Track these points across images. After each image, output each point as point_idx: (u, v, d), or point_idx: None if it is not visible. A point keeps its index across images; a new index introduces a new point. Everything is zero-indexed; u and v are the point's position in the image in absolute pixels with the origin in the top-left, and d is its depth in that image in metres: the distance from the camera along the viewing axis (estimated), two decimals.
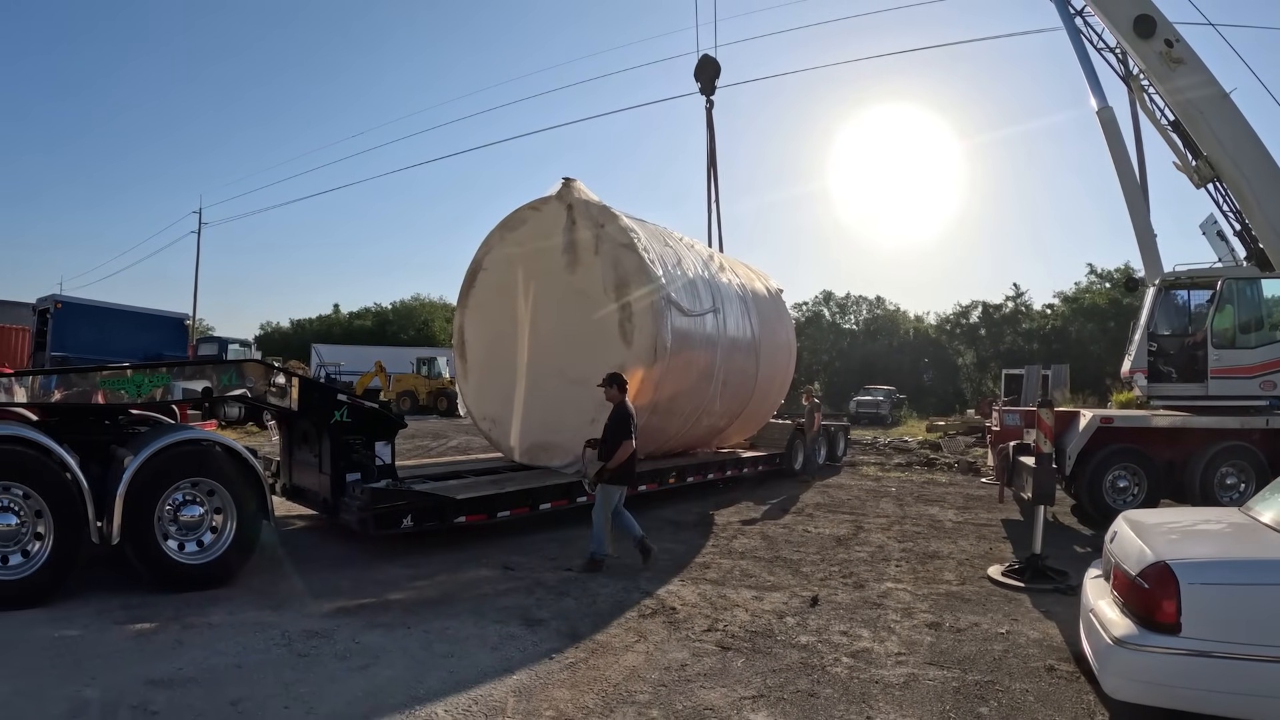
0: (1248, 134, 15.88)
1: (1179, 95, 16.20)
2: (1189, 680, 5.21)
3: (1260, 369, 15.03)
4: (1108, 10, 16.61)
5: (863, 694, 6.34)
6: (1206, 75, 16.01)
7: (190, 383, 9.77)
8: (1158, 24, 16.11)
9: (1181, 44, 16.08)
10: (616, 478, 10.52)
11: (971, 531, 13.92)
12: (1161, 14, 16.43)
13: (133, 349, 23.72)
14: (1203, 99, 16.03)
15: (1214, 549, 6.01)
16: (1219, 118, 15.96)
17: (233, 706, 5.67)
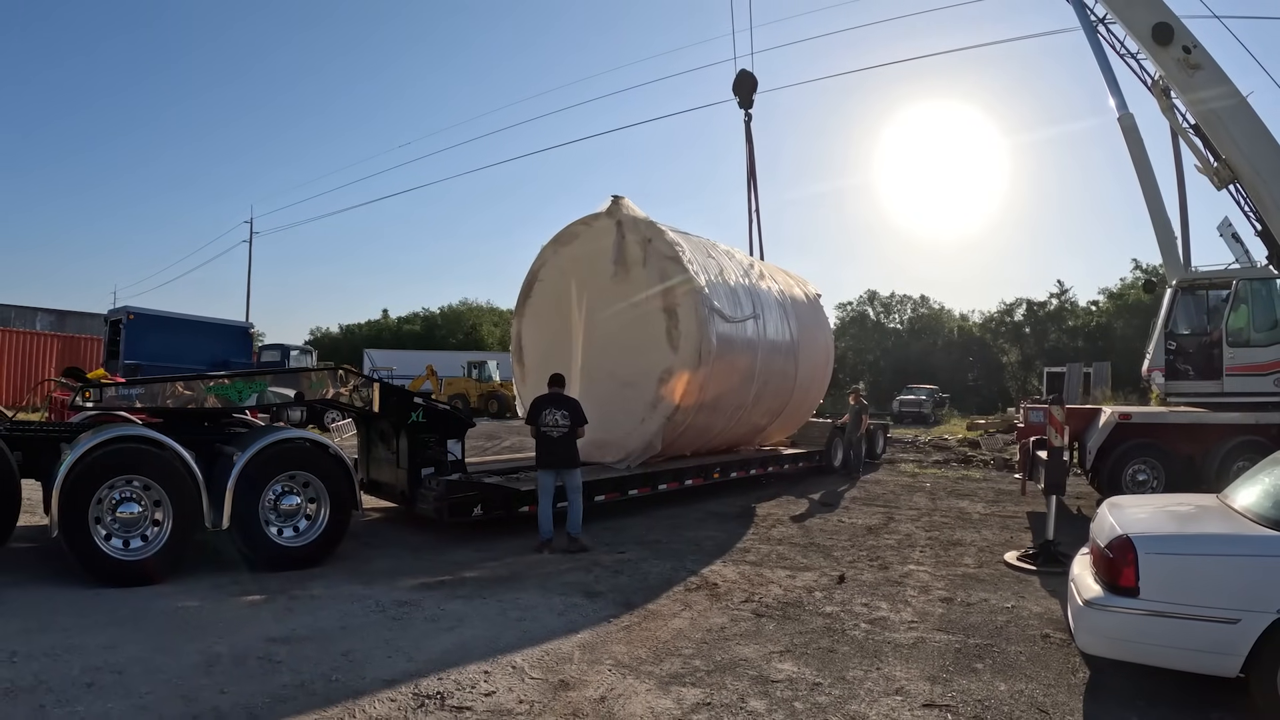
0: (1265, 137, 16.38)
1: (1197, 100, 16.76)
2: (1145, 636, 6.14)
3: (1274, 366, 15.55)
4: (1127, 18, 17.22)
5: (875, 651, 7.39)
6: (1224, 80, 16.53)
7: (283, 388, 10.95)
8: (1175, 31, 16.74)
9: (1199, 50, 16.65)
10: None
11: (996, 522, 14.68)
12: (1179, 21, 17.10)
13: (200, 356, 24.95)
14: (1220, 103, 16.56)
15: (1173, 526, 6.91)
16: (1236, 122, 16.50)
17: (344, 656, 6.82)
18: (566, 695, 6.17)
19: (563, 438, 11.49)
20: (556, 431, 11.47)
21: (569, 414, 11.57)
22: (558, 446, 11.50)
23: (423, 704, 5.90)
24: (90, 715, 5.46)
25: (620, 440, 14.80)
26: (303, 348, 39.37)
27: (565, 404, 11.69)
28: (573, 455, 11.60)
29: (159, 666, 6.44)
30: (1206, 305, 16.68)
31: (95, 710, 5.54)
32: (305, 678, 6.32)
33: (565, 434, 11.48)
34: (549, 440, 11.53)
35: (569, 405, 11.69)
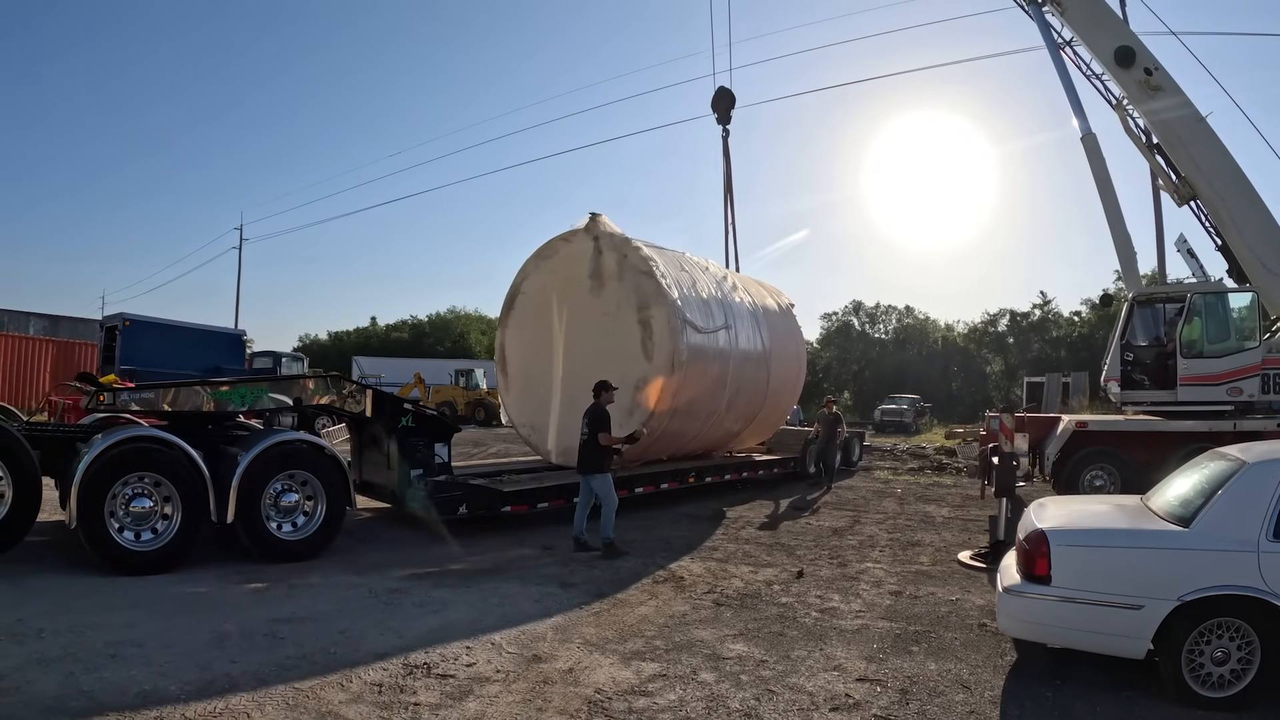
0: (1223, 156, 17.23)
1: (1157, 120, 17.61)
2: (1057, 620, 6.91)
3: (1227, 376, 16.18)
4: (1091, 41, 18.00)
5: (821, 635, 8.18)
6: (1183, 101, 17.37)
7: (282, 394, 11.73)
8: (1137, 54, 17.55)
9: (1160, 72, 17.46)
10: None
11: (958, 525, 15.40)
12: (1141, 44, 17.90)
13: (194, 362, 25.55)
14: (1180, 123, 17.40)
15: (1085, 522, 7.64)
16: (1195, 141, 17.33)
17: (340, 634, 7.64)
18: (539, 667, 6.99)
19: (583, 444, 12.07)
20: (581, 438, 12.13)
21: (589, 422, 12.09)
22: (580, 452, 12.15)
23: (411, 672, 6.72)
24: (116, 680, 6.22)
25: None
26: (294, 354, 39.85)
27: (590, 413, 12.21)
28: (590, 461, 12.03)
29: (174, 641, 7.20)
30: (1163, 318, 17.38)
31: (120, 676, 6.30)
32: (307, 650, 7.13)
33: (585, 440, 12.05)
34: (579, 446, 12.21)
35: (591, 414, 12.18)
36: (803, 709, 6.25)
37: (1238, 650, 6.39)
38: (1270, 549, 6.34)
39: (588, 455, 12.03)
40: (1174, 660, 6.46)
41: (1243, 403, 16.24)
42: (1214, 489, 6.97)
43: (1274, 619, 6.28)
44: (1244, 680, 6.37)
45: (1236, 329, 16.72)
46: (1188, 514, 6.90)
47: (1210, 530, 6.63)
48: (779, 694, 6.53)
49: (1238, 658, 6.39)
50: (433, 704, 6.08)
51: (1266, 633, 6.33)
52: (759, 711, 6.14)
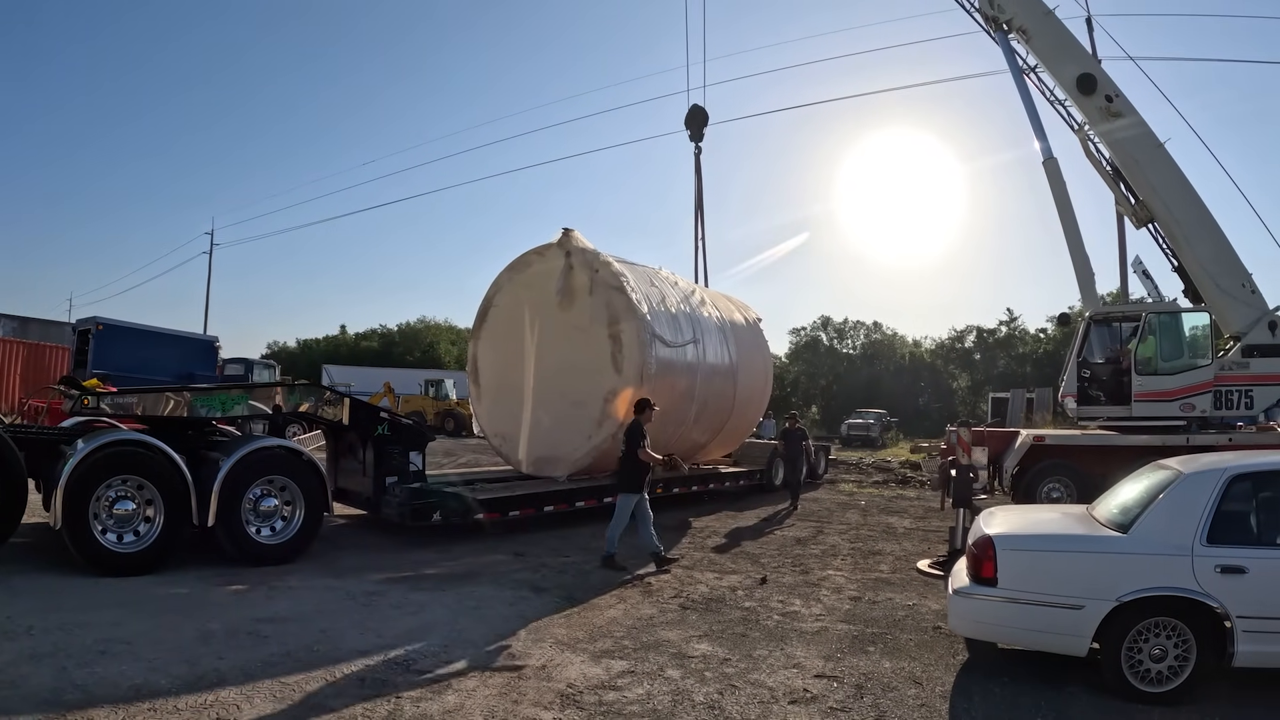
0: (1180, 181, 17.64)
1: (1117, 145, 18.07)
2: (1002, 619, 7.34)
3: (1180, 393, 16.59)
4: (1054, 68, 18.43)
5: (782, 636, 8.57)
6: (1143, 128, 17.82)
7: (260, 401, 12.02)
8: (1099, 81, 18.02)
9: (1120, 99, 17.93)
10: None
11: (919, 536, 15.83)
12: (1103, 72, 18.38)
13: (167, 368, 25.69)
14: (1138, 149, 17.83)
15: (1030, 528, 8.08)
16: (1153, 167, 17.75)
17: (322, 633, 7.96)
18: (514, 664, 7.38)
19: (620, 459, 12.30)
20: (619, 454, 12.35)
21: (626, 440, 12.21)
22: (619, 468, 12.42)
23: (392, 668, 7.07)
24: (108, 674, 6.51)
25: (569, 455, 15.88)
26: (265, 362, 39.96)
27: (626, 431, 12.32)
28: (624, 478, 12.22)
29: (162, 639, 7.49)
30: (1119, 336, 17.83)
31: (112, 671, 6.60)
32: (290, 648, 7.45)
33: (621, 456, 12.24)
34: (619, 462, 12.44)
35: (627, 432, 12.27)
36: (763, 702, 6.62)
37: (1174, 648, 6.83)
38: (1204, 553, 6.79)
39: (621, 471, 12.28)
40: (1114, 657, 6.89)
41: (1196, 418, 16.66)
42: (1152, 498, 7.42)
43: (1208, 619, 6.72)
44: (1181, 676, 6.82)
45: (1190, 347, 17.16)
46: (1127, 521, 7.34)
47: (1147, 536, 7.07)
48: (741, 689, 6.90)
49: (1175, 655, 6.83)
50: (414, 697, 6.41)
51: (1201, 632, 6.77)
52: (722, 704, 6.51)
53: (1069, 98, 18.43)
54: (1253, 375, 16.82)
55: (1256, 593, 6.71)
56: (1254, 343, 16.94)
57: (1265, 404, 17.14)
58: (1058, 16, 18.42)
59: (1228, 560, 6.75)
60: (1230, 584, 6.70)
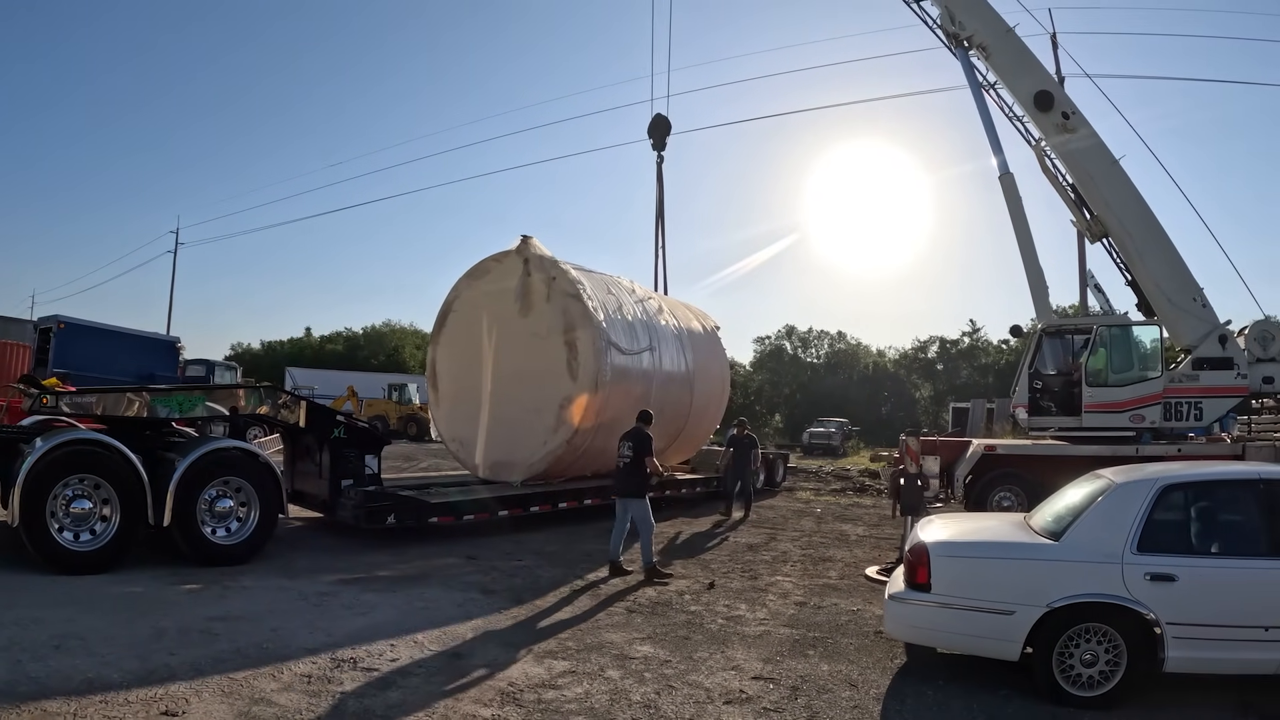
0: (1134, 198, 17.99)
1: (1073, 161, 18.43)
2: (936, 624, 7.59)
3: (1130, 404, 16.97)
4: (1012, 84, 18.74)
5: (724, 639, 8.80)
6: (1098, 145, 18.16)
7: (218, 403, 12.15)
8: (1056, 98, 18.37)
9: (1077, 116, 18.27)
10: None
11: (870, 543, 16.07)
12: (1060, 90, 18.81)
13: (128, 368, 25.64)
14: (1094, 165, 18.16)
15: (964, 536, 8.30)
16: (1108, 183, 18.09)
17: (273, 631, 8.14)
18: (457, 663, 7.58)
19: (625, 468, 12.22)
20: (622, 462, 12.29)
21: (633, 446, 12.19)
22: (620, 476, 12.38)
23: (339, 665, 7.26)
24: (62, 668, 6.68)
25: (524, 461, 16.16)
26: (226, 363, 39.85)
27: (633, 437, 12.31)
28: (632, 485, 12.22)
29: (115, 635, 7.66)
30: (1071, 348, 18.18)
31: (66, 665, 6.76)
32: (240, 645, 7.63)
33: (628, 464, 12.17)
34: (617, 470, 12.52)
35: (635, 438, 12.29)
36: (698, 702, 6.85)
37: (1105, 654, 7.06)
38: (1134, 561, 7.03)
39: (629, 479, 12.29)
40: (1046, 662, 7.11)
41: (1145, 429, 17.00)
42: (1085, 507, 7.67)
43: (1138, 625, 6.97)
44: (1112, 681, 7.04)
45: (1140, 359, 17.55)
46: (1059, 529, 7.60)
47: (1078, 544, 7.31)
48: (678, 689, 7.13)
49: (1105, 660, 7.05)
50: (357, 693, 6.62)
51: (1132, 638, 7.00)
52: (657, 704, 6.74)
53: (1027, 114, 18.71)
54: (1202, 388, 17.18)
55: (1186, 600, 6.93)
56: (1204, 356, 17.29)
57: (1214, 416, 17.55)
58: (1017, 34, 18.74)
59: (1157, 568, 6.96)
60: (1160, 591, 6.92)
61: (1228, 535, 7.54)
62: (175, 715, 5.98)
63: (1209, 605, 6.96)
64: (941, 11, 19.14)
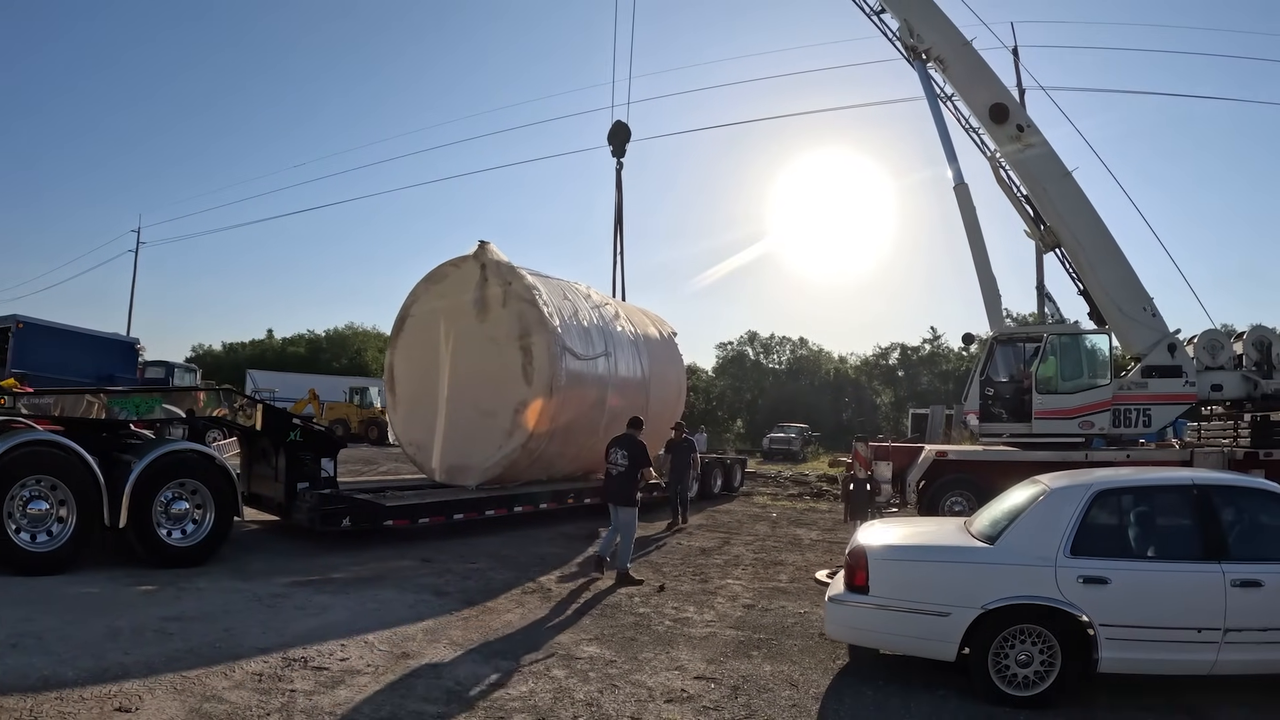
0: (1086, 209, 18.32)
1: (1026, 173, 18.77)
2: (874, 625, 7.81)
3: (1079, 411, 17.27)
4: (968, 96, 19.05)
5: (670, 640, 9.01)
6: (1052, 157, 18.48)
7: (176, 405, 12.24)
8: (1011, 111, 18.71)
9: (1031, 129, 18.61)
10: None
11: (824, 547, 16.23)
12: (1015, 102, 19.16)
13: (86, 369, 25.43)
14: (1047, 177, 18.51)
15: (902, 540, 8.51)
16: (1061, 195, 18.42)
17: (226, 631, 8.30)
18: (406, 662, 7.76)
19: (619, 475, 12.43)
20: (615, 470, 12.48)
21: (628, 454, 12.40)
22: (613, 484, 12.56)
23: (290, 664, 7.42)
24: (18, 666, 6.82)
25: (480, 465, 16.35)
26: (186, 365, 39.65)
27: (628, 445, 12.53)
28: (625, 493, 12.41)
29: (71, 635, 7.81)
30: (1023, 356, 18.50)
31: (22, 663, 6.91)
32: (194, 644, 7.79)
33: (622, 472, 12.39)
34: (608, 477, 12.67)
35: (630, 446, 12.50)
36: (640, 700, 7.06)
37: (1040, 654, 7.26)
38: (1067, 564, 7.25)
39: (623, 486, 12.46)
40: (982, 662, 7.32)
41: (1094, 435, 17.36)
42: (1020, 511, 7.91)
43: (1072, 626, 7.19)
44: (1047, 681, 7.25)
45: (1090, 367, 17.86)
46: (995, 533, 7.83)
47: (1013, 547, 7.54)
48: (621, 688, 7.34)
49: (1040, 660, 7.26)
50: (307, 690, 6.80)
51: (1066, 639, 7.22)
52: (600, 702, 6.94)
53: (982, 126, 18.98)
54: (1151, 395, 17.51)
55: (1118, 602, 7.15)
56: (1153, 364, 17.61)
57: (1163, 422, 17.89)
58: (974, 48, 19.05)
59: (1090, 571, 7.19)
60: (1093, 594, 7.14)
61: (1161, 539, 7.76)
62: (129, 711, 6.13)
63: (1142, 607, 7.17)
64: (901, 25, 19.41)
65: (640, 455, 12.48)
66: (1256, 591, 7.07)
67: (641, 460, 12.47)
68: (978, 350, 20.64)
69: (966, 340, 22.21)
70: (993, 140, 18.95)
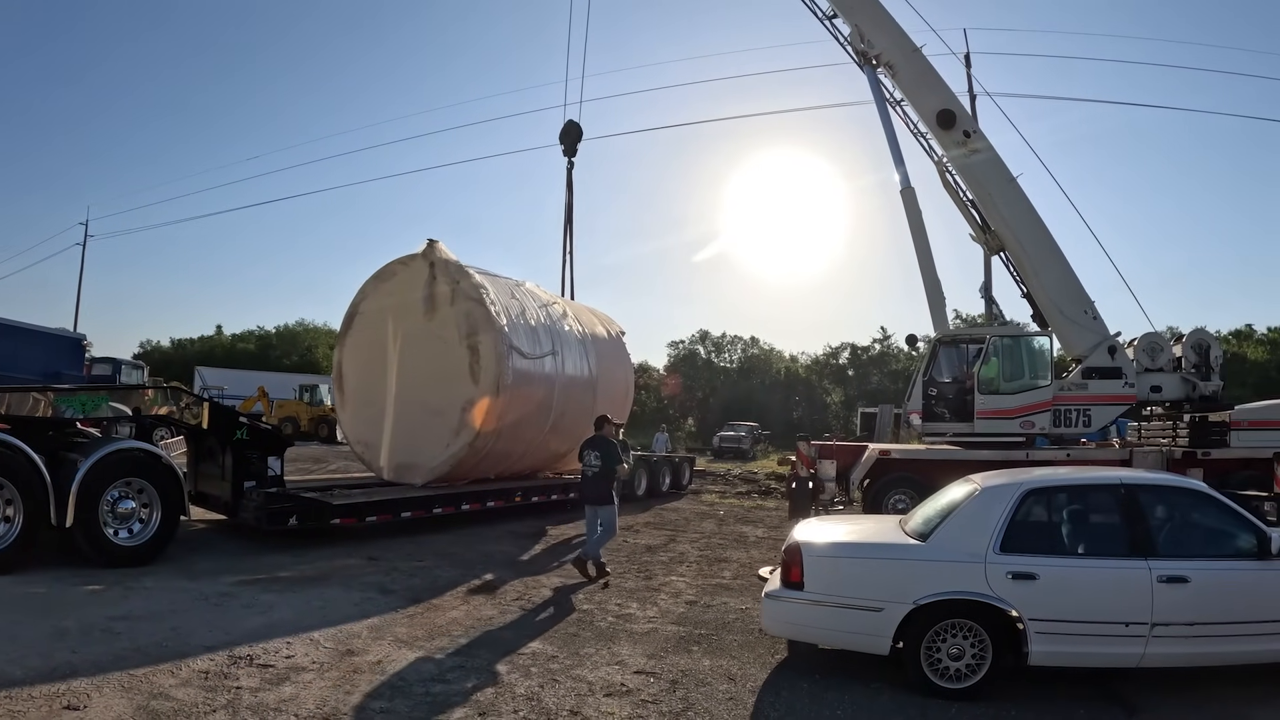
0: (1030, 214, 18.73)
1: (972, 178, 19.12)
2: (809, 620, 8.03)
3: (1020, 411, 17.66)
4: (916, 101, 19.42)
5: (612, 636, 9.19)
6: (997, 163, 18.90)
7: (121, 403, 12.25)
8: (958, 117, 19.08)
9: (978, 135, 19.00)
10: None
11: (769, 544, 16.37)
12: (963, 108, 19.51)
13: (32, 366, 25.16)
14: (992, 182, 18.89)
15: (837, 537, 8.73)
16: (1005, 200, 18.80)
17: (172, 630, 8.40)
18: (351, 659, 7.89)
19: (594, 476, 12.59)
20: (590, 470, 12.64)
21: (601, 455, 12.58)
22: (589, 485, 12.73)
23: (236, 662, 7.54)
24: None
25: (428, 463, 16.44)
26: (134, 362, 39.30)
27: (601, 446, 12.69)
28: (603, 493, 12.60)
29: (18, 634, 7.89)
30: (966, 357, 18.81)
31: None
32: (141, 643, 7.90)
33: (597, 473, 12.55)
34: (585, 479, 12.81)
35: (603, 447, 12.67)
36: (580, 694, 7.23)
37: (971, 648, 7.51)
38: (997, 561, 7.50)
39: (600, 487, 12.65)
40: (915, 656, 7.55)
41: (1036, 435, 17.73)
42: (952, 509, 8.17)
43: (1002, 621, 7.44)
44: (979, 674, 7.48)
45: (1031, 368, 18.19)
46: (927, 530, 8.08)
47: (944, 544, 7.79)
48: (562, 683, 7.51)
49: (972, 654, 7.50)
50: (253, 688, 6.92)
51: (996, 633, 7.47)
52: (540, 696, 7.12)
53: (930, 131, 19.33)
54: (1091, 395, 17.91)
55: (1047, 597, 7.38)
56: (1094, 365, 18.02)
57: (1102, 422, 18.32)
58: (923, 54, 19.37)
59: (1019, 567, 7.43)
60: (1022, 589, 7.38)
61: (1090, 537, 8.06)
62: (77, 709, 6.23)
63: (1070, 602, 7.41)
64: (852, 30, 19.71)
65: (614, 455, 12.65)
66: (1183, 587, 7.32)
67: (615, 459, 12.65)
68: (922, 351, 20.93)
69: (910, 341, 22.57)
70: (940, 145, 19.26)
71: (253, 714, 6.39)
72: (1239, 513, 7.92)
